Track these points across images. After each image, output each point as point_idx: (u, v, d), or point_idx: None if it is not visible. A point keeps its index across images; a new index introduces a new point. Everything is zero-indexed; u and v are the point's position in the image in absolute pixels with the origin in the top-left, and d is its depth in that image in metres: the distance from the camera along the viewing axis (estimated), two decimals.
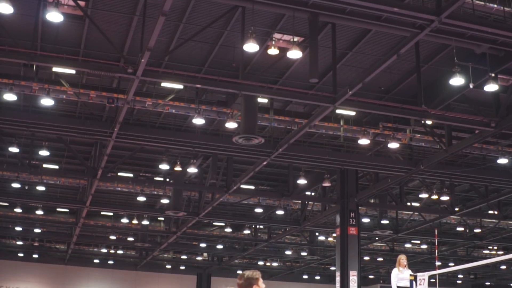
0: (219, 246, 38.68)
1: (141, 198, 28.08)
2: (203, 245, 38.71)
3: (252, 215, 32.62)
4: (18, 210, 30.92)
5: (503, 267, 43.05)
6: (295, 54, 14.62)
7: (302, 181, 25.04)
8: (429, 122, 19.26)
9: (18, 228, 35.31)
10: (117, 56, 16.37)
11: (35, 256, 42.46)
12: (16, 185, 26.74)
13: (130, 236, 36.72)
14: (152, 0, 14.53)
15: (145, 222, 32.35)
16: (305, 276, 48.12)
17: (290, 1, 13.63)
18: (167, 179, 26.05)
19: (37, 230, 35.71)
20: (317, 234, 35.53)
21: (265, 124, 20.07)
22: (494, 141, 21.27)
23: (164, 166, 23.23)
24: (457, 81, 15.58)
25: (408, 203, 28.98)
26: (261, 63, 17.52)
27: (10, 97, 17.05)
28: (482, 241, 34.22)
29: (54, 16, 13.96)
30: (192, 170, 23.46)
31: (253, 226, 34.80)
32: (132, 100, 17.35)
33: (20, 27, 16.05)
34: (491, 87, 15.90)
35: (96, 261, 43.91)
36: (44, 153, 22.75)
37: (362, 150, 23.14)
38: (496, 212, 28.98)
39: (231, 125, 18.79)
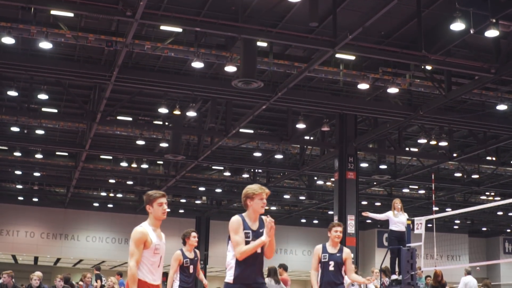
0: (218, 190, 38.87)
1: (140, 142, 28.15)
2: (202, 188, 38.90)
3: (251, 159, 32.73)
4: (17, 153, 31.03)
5: (500, 213, 43.35)
6: None
7: (301, 126, 25.05)
8: (428, 67, 19.22)
9: (18, 172, 35.43)
10: None
11: (35, 199, 42.71)
12: (15, 128, 26.82)
13: (129, 180, 36.88)
14: None
15: (144, 166, 32.50)
16: (303, 220, 48.47)
17: None
18: (166, 123, 26.05)
19: (36, 174, 35.89)
20: (315, 178, 35.67)
21: (264, 68, 20.00)
22: (493, 87, 21.22)
23: (163, 110, 23.22)
24: (457, 26, 15.51)
25: (407, 148, 29.09)
26: (260, 6, 17.37)
27: (8, 40, 16.93)
28: (480, 187, 34.40)
29: None
30: (191, 113, 23.46)
31: (252, 170, 34.92)
32: (130, 43, 17.25)
33: None
34: (491, 33, 15.80)
35: (96, 204, 44.18)
36: (43, 96, 22.74)
37: (361, 95, 23.13)
38: (494, 158, 29.09)
39: (230, 68, 18.74)
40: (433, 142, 26.67)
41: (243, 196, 7.31)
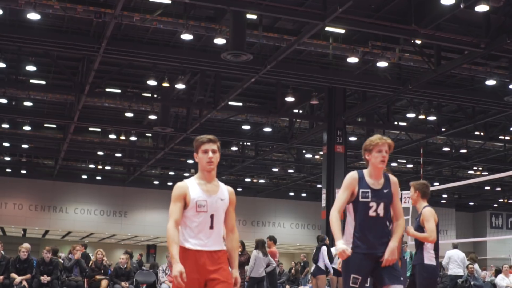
0: None
1: (129, 114, 28.06)
2: (190, 161, 38.86)
3: (240, 131, 32.71)
4: (5, 125, 30.85)
5: (487, 187, 43.61)
6: None
7: (289, 99, 25.00)
8: (418, 41, 19.19)
9: (6, 144, 35.32)
10: None
11: (23, 171, 42.60)
12: (3, 100, 26.63)
13: (118, 152, 36.82)
14: None
15: (133, 138, 32.41)
16: (291, 193, 48.59)
17: None
18: (155, 95, 25.97)
19: (24, 146, 35.75)
20: (304, 151, 35.73)
21: (253, 41, 19.91)
22: (483, 62, 21.24)
23: (151, 82, 23.13)
24: (447, 0, 15.47)
25: (395, 122, 29.12)
26: None
27: None
28: (468, 162, 34.54)
29: None
30: (180, 86, 23.37)
31: (241, 143, 34.93)
32: (119, 15, 17.12)
33: None
34: (482, 8, 15.76)
35: (84, 176, 44.10)
36: (31, 68, 22.57)
37: (350, 69, 23.09)
38: (482, 133, 29.20)
39: (219, 41, 18.64)
40: (421, 117, 26.72)
41: (362, 150, 6.32)
